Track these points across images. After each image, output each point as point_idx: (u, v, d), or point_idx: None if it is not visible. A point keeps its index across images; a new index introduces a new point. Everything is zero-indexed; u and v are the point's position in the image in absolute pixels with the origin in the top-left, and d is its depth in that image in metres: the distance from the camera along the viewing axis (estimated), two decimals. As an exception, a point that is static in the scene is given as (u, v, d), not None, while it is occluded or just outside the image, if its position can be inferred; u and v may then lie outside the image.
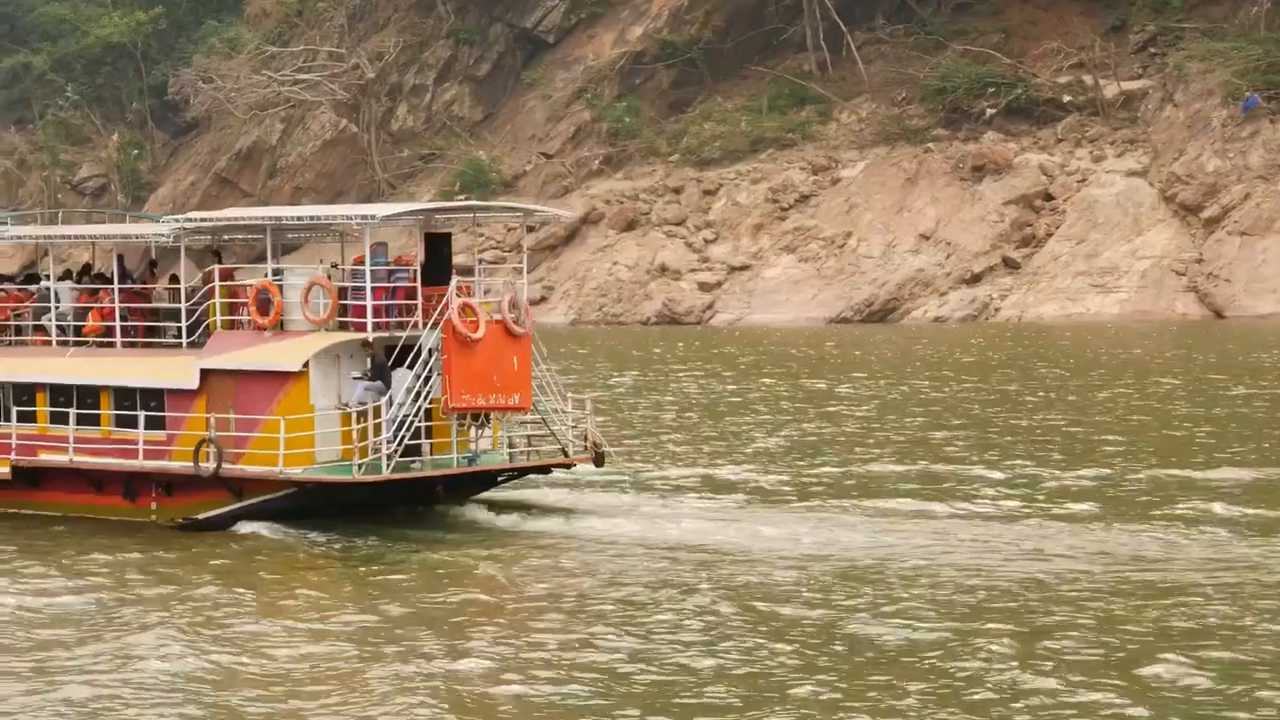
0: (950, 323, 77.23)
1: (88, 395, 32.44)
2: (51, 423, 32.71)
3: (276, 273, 31.89)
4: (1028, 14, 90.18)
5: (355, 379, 30.79)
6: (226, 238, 36.01)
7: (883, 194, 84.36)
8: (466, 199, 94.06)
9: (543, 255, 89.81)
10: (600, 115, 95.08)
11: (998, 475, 35.50)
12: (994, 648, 22.02)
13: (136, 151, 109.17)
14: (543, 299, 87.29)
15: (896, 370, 57.89)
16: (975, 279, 79.84)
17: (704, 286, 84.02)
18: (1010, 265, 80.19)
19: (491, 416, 31.32)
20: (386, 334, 30.85)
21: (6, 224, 38.32)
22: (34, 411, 32.94)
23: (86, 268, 36.10)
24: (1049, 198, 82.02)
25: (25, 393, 33.10)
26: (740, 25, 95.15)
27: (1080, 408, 46.60)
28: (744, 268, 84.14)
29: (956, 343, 68.04)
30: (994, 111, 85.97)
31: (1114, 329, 71.68)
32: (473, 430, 31.13)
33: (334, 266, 32.77)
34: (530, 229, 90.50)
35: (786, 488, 34.66)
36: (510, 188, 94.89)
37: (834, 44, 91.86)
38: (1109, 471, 35.78)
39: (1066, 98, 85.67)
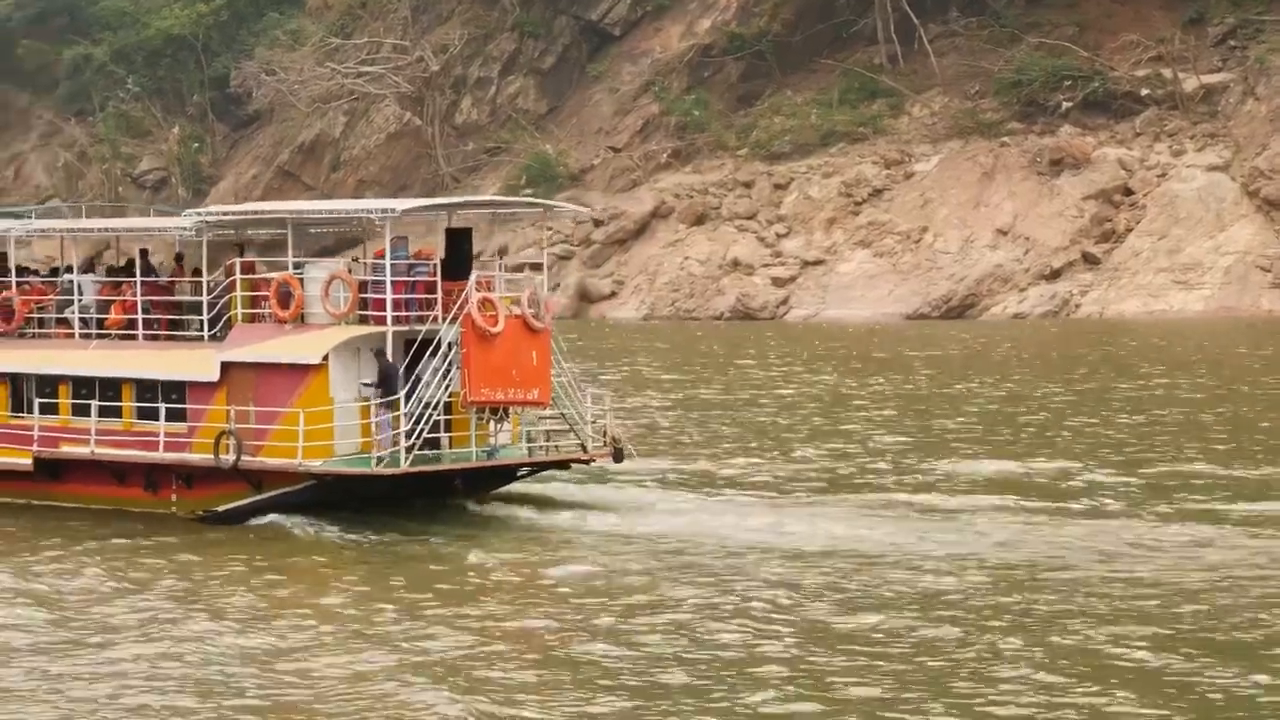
0: (1030, 319, 76.04)
1: (109, 387, 32.62)
2: (74, 415, 32.89)
3: (297, 266, 31.96)
4: (1104, 7, 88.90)
5: (365, 385, 30.88)
6: (251, 231, 36.21)
7: (958, 188, 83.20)
8: (533, 193, 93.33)
9: (612, 249, 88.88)
10: (668, 109, 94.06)
11: (1118, 476, 34.51)
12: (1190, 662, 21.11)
13: (197, 144, 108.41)
14: (613, 294, 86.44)
15: (992, 366, 56.85)
16: (1055, 275, 78.62)
17: (777, 281, 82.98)
18: (1090, 261, 78.96)
19: (511, 411, 31.34)
20: (406, 328, 30.94)
21: (31, 217, 38.60)
22: (57, 404, 33.17)
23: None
24: (1129, 193, 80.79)
25: (48, 385, 33.33)
26: (810, 18, 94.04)
27: (1193, 405, 45.55)
28: (817, 262, 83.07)
29: (1045, 340, 66.97)
30: (1070, 105, 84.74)
31: (1199, 326, 70.52)
32: (492, 424, 31.25)
33: (354, 260, 33.03)
34: (598, 223, 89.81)
35: (893, 488, 33.91)
36: (577, 181, 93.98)
37: (905, 36, 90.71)
38: (1247, 471, 34.77)
39: (1145, 91, 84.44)
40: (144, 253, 34.59)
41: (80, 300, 34.03)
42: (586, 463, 32.45)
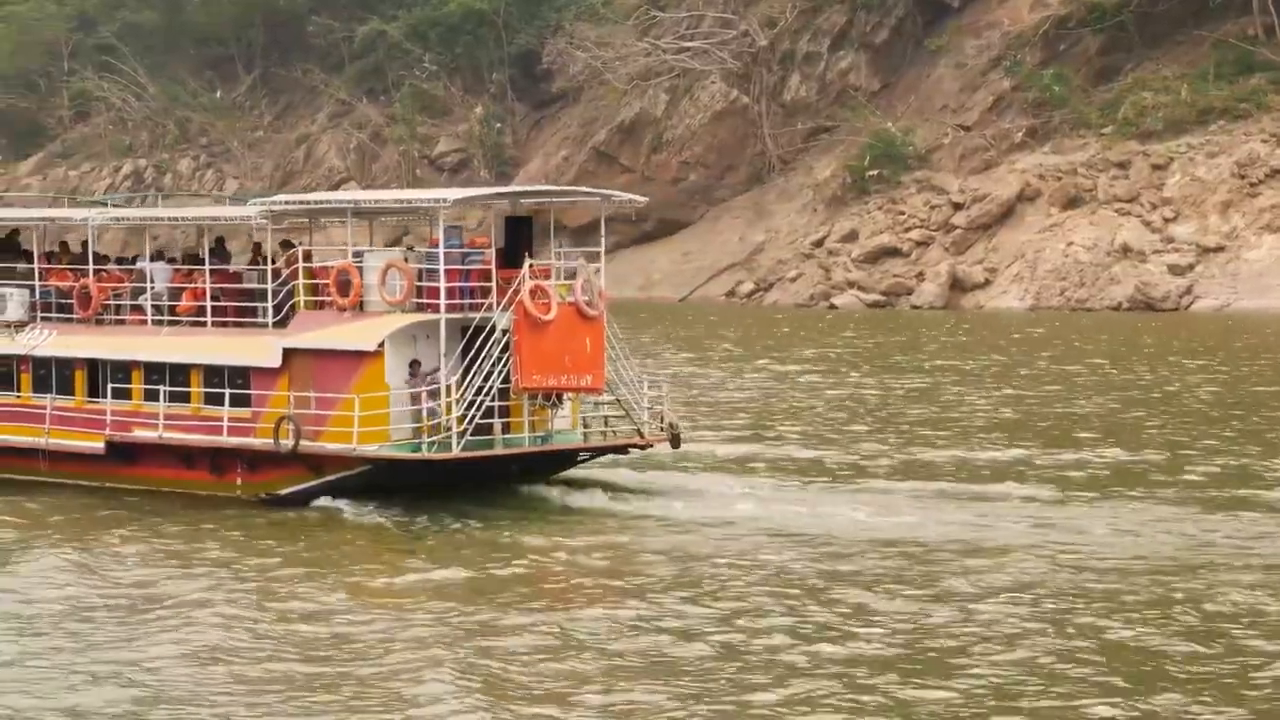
0: None
1: (179, 373, 33.59)
2: (145, 400, 33.90)
3: (357, 254, 32.84)
4: None
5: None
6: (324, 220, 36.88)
7: (1369, 169, 76.72)
8: (878, 174, 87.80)
9: (976, 234, 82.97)
10: (1023, 84, 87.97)
11: None
12: None
13: (499, 124, 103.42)
14: (986, 282, 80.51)
15: None
16: None
17: (1174, 270, 76.81)
18: None
19: (565, 397, 32.10)
20: (460, 315, 31.67)
21: (107, 204, 39.68)
22: (129, 389, 34.17)
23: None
24: None
25: (121, 370, 34.39)
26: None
27: None
28: (1219, 249, 76.82)
29: None
30: None
31: None
32: (549, 410, 31.97)
33: (410, 249, 34.00)
34: (958, 205, 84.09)
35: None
36: (924, 162, 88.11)
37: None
38: None
39: None
40: (220, 241, 35.49)
41: (153, 287, 34.82)
42: (643, 448, 33.18)
